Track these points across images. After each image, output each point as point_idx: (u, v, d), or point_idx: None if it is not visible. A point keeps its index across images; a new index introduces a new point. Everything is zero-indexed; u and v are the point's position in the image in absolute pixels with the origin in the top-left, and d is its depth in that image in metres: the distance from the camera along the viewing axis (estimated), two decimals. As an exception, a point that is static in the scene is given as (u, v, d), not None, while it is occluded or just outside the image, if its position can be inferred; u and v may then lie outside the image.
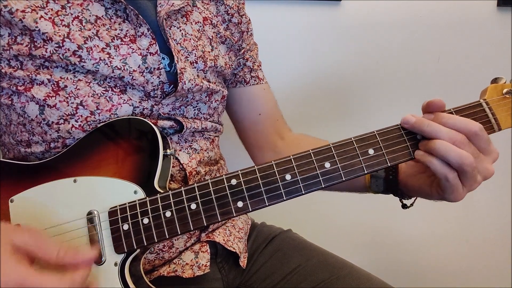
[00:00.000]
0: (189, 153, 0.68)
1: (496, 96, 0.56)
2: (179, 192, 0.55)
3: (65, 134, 0.60)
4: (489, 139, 0.53)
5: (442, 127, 0.52)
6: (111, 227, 0.55)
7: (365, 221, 1.38)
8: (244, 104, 0.84)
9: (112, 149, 0.59)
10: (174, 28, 0.66)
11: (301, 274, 0.74)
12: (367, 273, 0.75)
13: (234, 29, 0.77)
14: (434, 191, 0.57)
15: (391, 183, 0.66)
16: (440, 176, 0.53)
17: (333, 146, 0.54)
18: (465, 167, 0.51)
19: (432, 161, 0.52)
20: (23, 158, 0.65)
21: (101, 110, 0.60)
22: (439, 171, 0.52)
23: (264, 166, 0.54)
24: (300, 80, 1.26)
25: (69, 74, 0.59)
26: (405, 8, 1.26)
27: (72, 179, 0.57)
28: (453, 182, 0.52)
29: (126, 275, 0.54)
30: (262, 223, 0.89)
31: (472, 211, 1.42)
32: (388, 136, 0.54)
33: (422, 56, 1.30)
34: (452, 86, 1.30)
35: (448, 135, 0.51)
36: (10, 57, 0.58)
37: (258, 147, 0.86)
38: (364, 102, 1.31)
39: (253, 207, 0.53)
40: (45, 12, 0.57)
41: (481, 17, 1.30)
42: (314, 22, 1.23)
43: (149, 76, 0.62)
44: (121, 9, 0.61)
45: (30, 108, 0.59)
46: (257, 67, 0.84)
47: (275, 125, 0.85)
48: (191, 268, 0.65)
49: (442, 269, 1.45)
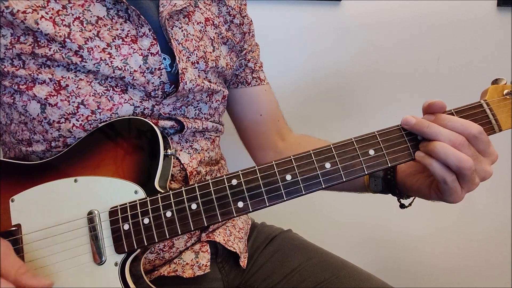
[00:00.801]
0: (190, 153, 0.69)
1: (497, 97, 0.56)
2: (179, 192, 0.55)
3: (66, 133, 0.60)
4: (489, 141, 0.53)
5: (442, 129, 0.52)
6: (112, 227, 0.55)
7: (365, 221, 1.38)
8: (245, 105, 0.84)
9: (112, 149, 0.59)
10: (176, 28, 0.66)
11: (301, 274, 0.74)
12: (367, 273, 0.75)
13: (236, 30, 0.78)
14: (433, 192, 0.57)
15: (390, 183, 0.66)
16: (438, 178, 0.53)
17: (334, 147, 0.54)
18: (464, 170, 0.50)
19: (432, 163, 0.52)
20: (24, 157, 0.65)
21: (102, 110, 0.60)
22: (438, 174, 0.52)
23: (264, 166, 0.54)
24: (300, 80, 1.26)
25: (71, 73, 0.59)
26: (405, 8, 1.26)
27: (72, 179, 0.57)
28: (452, 185, 0.52)
29: (127, 275, 0.55)
30: (262, 223, 0.89)
31: (472, 211, 1.42)
32: (389, 136, 0.54)
33: (422, 56, 1.30)
34: (452, 86, 1.30)
35: (448, 137, 0.51)
36: (13, 56, 0.58)
37: (259, 148, 0.86)
38: (364, 102, 1.31)
39: (253, 207, 0.53)
40: (46, 11, 0.57)
41: (481, 17, 1.30)
42: (314, 22, 1.23)
43: (150, 77, 0.62)
44: (123, 10, 0.61)
45: (31, 106, 0.60)
46: (259, 68, 0.84)
47: (276, 125, 0.85)
48: (191, 268, 0.66)
49: (442, 269, 1.45)
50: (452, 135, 0.51)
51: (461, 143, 0.51)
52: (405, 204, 0.67)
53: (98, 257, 0.54)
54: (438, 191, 0.56)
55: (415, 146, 0.54)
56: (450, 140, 0.51)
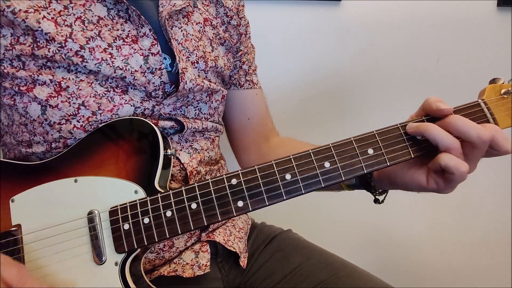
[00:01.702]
0: (190, 153, 0.69)
1: (495, 96, 0.56)
2: (179, 192, 0.55)
3: (67, 134, 0.60)
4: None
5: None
6: (112, 226, 0.55)
7: (365, 221, 1.38)
8: (235, 107, 0.84)
9: (112, 149, 0.59)
10: (176, 28, 0.67)
11: (301, 274, 0.74)
12: (368, 273, 0.75)
13: (233, 31, 0.78)
14: (430, 183, 0.55)
15: (363, 177, 0.65)
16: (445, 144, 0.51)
17: (333, 146, 0.54)
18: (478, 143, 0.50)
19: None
20: (24, 158, 0.65)
21: (102, 111, 0.60)
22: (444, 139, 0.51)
23: (264, 165, 0.54)
24: (300, 80, 1.27)
25: (71, 74, 0.59)
26: (405, 8, 1.27)
27: (73, 179, 0.58)
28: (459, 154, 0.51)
29: (127, 275, 0.55)
30: (262, 223, 0.89)
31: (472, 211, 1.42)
32: (388, 136, 0.54)
33: (422, 56, 1.30)
34: (452, 86, 1.30)
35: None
36: (13, 57, 0.58)
37: (244, 149, 0.87)
38: (363, 102, 1.31)
39: (253, 207, 0.54)
40: (48, 12, 0.57)
41: (481, 17, 1.30)
42: (314, 22, 1.23)
43: (151, 76, 0.62)
44: (123, 10, 0.62)
45: (32, 108, 0.60)
46: (252, 71, 0.84)
47: (263, 129, 0.86)
48: (191, 267, 0.66)
49: (442, 269, 1.45)
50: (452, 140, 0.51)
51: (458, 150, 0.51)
52: (380, 200, 0.66)
53: (98, 257, 0.55)
54: (439, 179, 0.54)
55: (414, 145, 0.54)
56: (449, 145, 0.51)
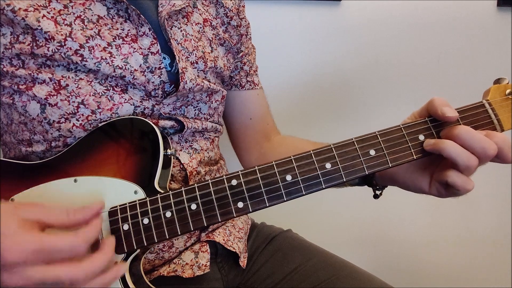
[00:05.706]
0: (190, 153, 0.68)
1: (499, 97, 0.55)
2: (179, 192, 0.54)
3: (66, 133, 0.60)
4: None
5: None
6: (111, 227, 0.54)
7: (366, 221, 1.38)
8: (237, 107, 0.84)
9: (112, 149, 0.59)
10: (175, 29, 0.66)
11: (301, 274, 0.74)
12: (368, 273, 0.75)
13: (233, 32, 0.77)
14: (436, 188, 0.56)
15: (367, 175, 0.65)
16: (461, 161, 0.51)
17: (334, 147, 0.54)
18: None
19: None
20: (24, 157, 0.65)
21: (102, 109, 0.60)
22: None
23: (264, 166, 0.54)
24: (300, 80, 1.26)
25: (71, 73, 0.59)
26: (405, 8, 1.26)
27: (72, 179, 0.57)
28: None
29: (126, 275, 0.54)
30: (262, 223, 0.89)
31: (472, 211, 1.42)
32: (390, 136, 0.54)
33: (422, 56, 1.30)
34: (452, 86, 1.30)
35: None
36: (12, 56, 0.58)
37: (245, 149, 0.87)
38: (364, 102, 1.31)
39: (253, 208, 0.53)
40: (48, 11, 0.57)
41: (481, 17, 1.30)
42: (314, 22, 1.23)
43: (150, 76, 0.62)
44: (122, 9, 0.61)
45: (31, 107, 0.59)
46: (253, 72, 0.84)
47: (264, 129, 0.86)
48: (191, 268, 0.65)
49: (442, 269, 1.45)
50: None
51: None
52: (378, 194, 0.66)
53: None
54: (442, 189, 0.55)
55: (416, 146, 0.54)
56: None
